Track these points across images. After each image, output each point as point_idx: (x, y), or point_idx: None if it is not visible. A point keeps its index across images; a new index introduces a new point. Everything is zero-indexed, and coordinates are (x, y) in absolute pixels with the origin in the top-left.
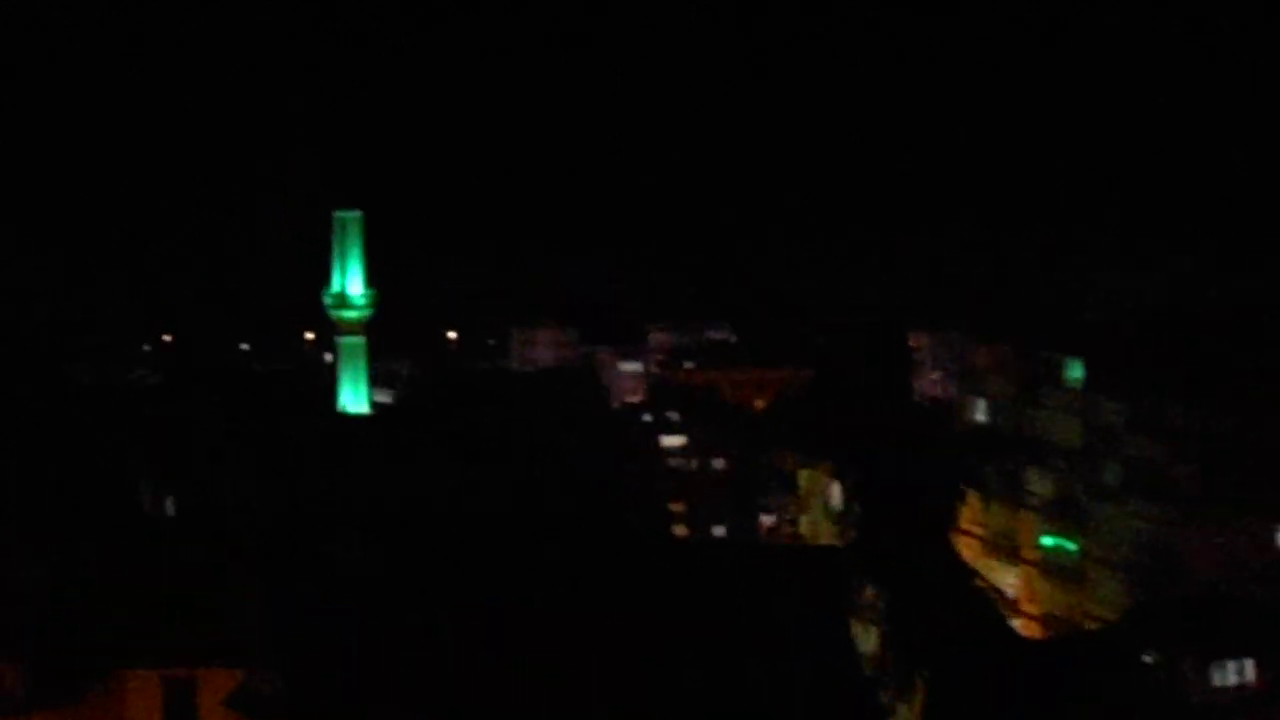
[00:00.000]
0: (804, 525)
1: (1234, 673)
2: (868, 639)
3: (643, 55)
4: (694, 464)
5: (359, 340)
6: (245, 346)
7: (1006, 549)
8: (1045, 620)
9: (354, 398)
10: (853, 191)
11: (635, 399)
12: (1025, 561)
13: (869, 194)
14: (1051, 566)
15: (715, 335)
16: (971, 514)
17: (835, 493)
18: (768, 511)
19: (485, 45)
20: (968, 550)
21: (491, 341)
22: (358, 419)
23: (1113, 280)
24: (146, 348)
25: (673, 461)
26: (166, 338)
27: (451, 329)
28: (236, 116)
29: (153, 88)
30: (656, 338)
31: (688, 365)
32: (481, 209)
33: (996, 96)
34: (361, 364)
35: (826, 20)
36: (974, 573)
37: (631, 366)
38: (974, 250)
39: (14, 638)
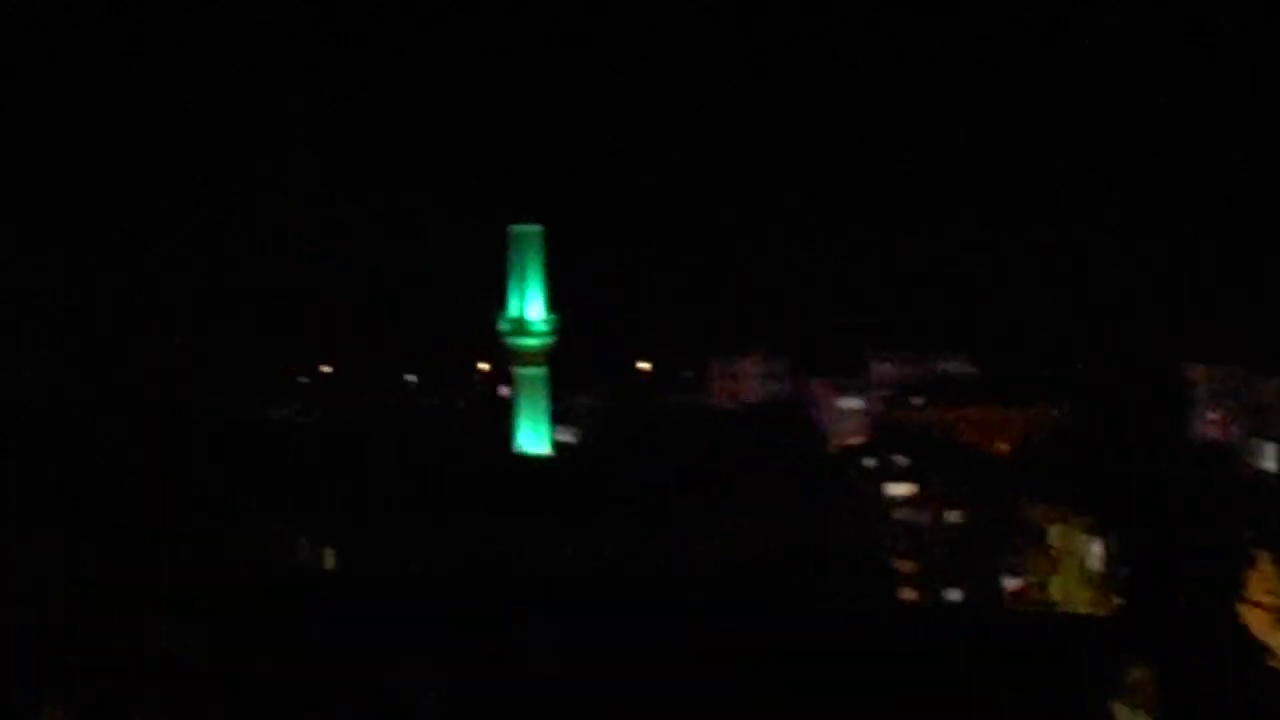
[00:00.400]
0: (1055, 589)
1: None
2: None
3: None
4: (925, 517)
5: (539, 371)
6: (411, 379)
7: None
8: None
9: (534, 437)
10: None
11: (856, 440)
12: None
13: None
14: None
15: (949, 367)
16: (1261, 580)
17: (1095, 552)
18: (1013, 573)
19: (683, 37)
20: (1257, 623)
21: (688, 373)
22: (538, 461)
23: None
24: (303, 379)
25: (899, 514)
26: (325, 368)
27: (642, 359)
28: (395, 118)
29: (307, 102)
30: (880, 369)
31: (917, 401)
32: (674, 221)
33: None
34: (542, 399)
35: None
36: (1264, 650)
37: (851, 403)
38: (1256, 276)
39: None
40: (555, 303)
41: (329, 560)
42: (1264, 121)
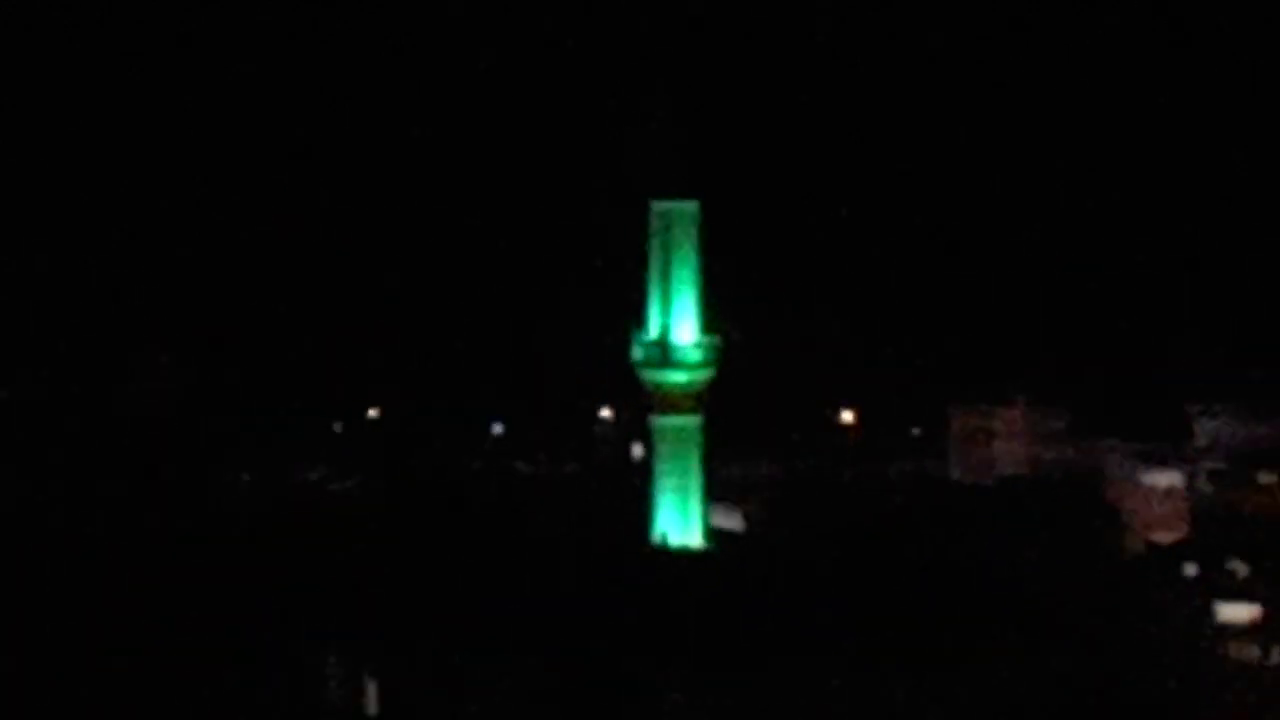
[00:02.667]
0: None
1: None
2: None
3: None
4: (1274, 655)
5: (691, 422)
6: (499, 430)
7: None
8: None
9: (679, 522)
10: None
11: (1170, 535)
12: None
13: None
14: None
15: None
16: None
17: None
18: None
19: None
20: None
21: (916, 430)
22: (686, 560)
23: None
24: (338, 427)
25: (1236, 649)
26: (370, 412)
27: (848, 407)
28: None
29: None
30: (1209, 429)
31: (1265, 479)
32: (895, 207)
33: None
34: (694, 462)
35: None
36: None
37: (1166, 479)
38: None
39: None
40: (717, 320)
41: (371, 702)
42: None
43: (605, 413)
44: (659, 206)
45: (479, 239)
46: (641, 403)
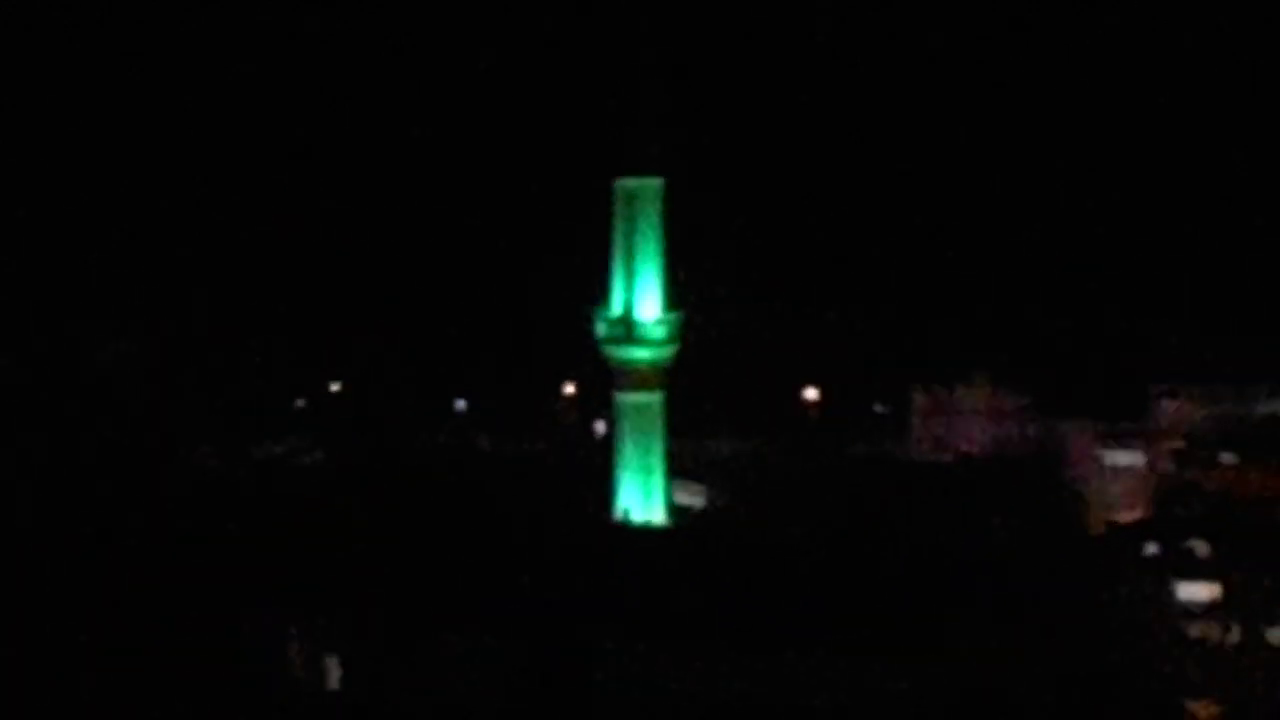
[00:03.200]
0: None
1: None
2: None
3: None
4: (1233, 633)
5: (653, 399)
6: (462, 406)
7: None
8: None
9: (643, 498)
10: None
11: (1131, 514)
12: None
13: None
14: None
15: (1274, 409)
16: None
17: None
18: None
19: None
20: None
21: (879, 408)
22: (649, 537)
23: None
24: (301, 403)
25: (1195, 628)
26: (333, 386)
27: (810, 384)
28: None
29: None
30: (1169, 409)
31: (1226, 459)
32: (859, 179)
33: None
34: (657, 440)
35: None
36: None
37: (1126, 458)
38: None
39: None
40: (680, 297)
41: (332, 676)
42: None
43: (568, 389)
44: (623, 183)
45: (443, 214)
46: (605, 379)
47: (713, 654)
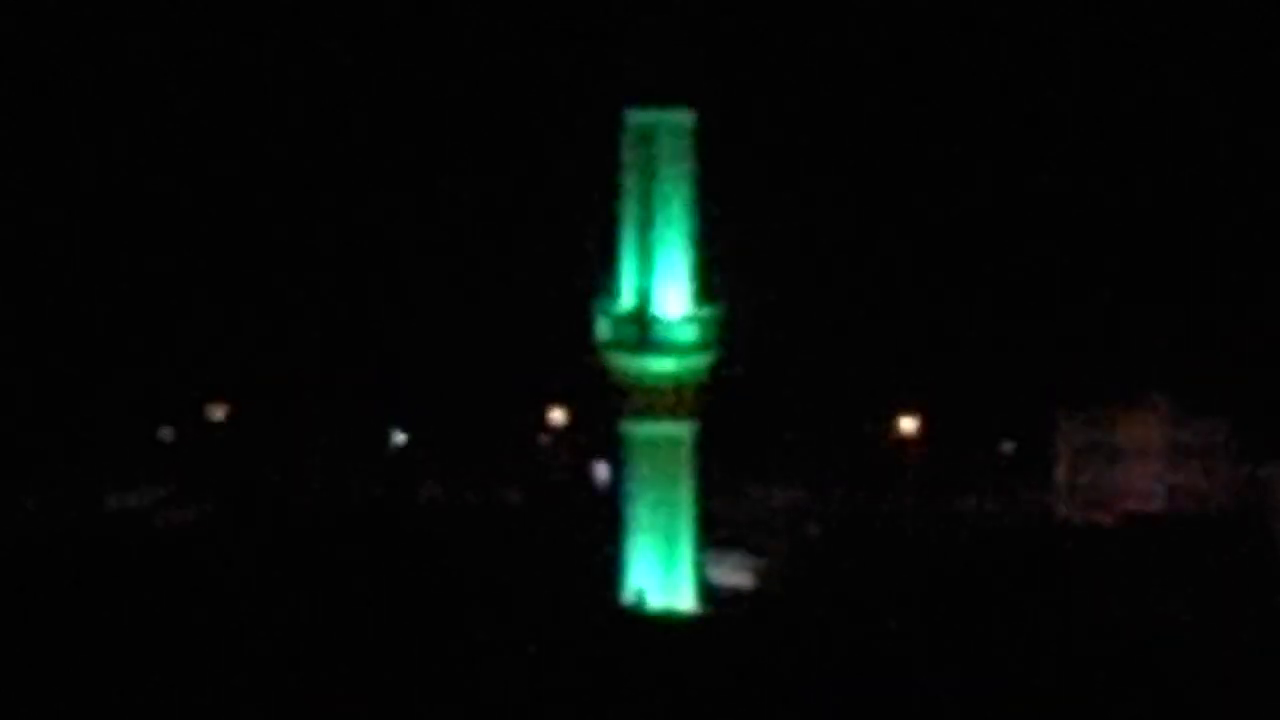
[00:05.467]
0: None
1: None
2: None
3: None
4: None
5: (680, 430)
6: (400, 440)
7: None
8: None
9: (664, 575)
10: None
11: None
12: None
13: None
14: None
15: None
16: None
17: None
18: None
19: None
20: None
21: (1006, 446)
22: (672, 632)
23: None
24: (165, 435)
25: None
26: (214, 413)
27: (906, 411)
28: None
29: None
30: None
31: None
32: (960, 130)
33: None
34: (685, 490)
35: None
36: None
37: None
38: None
39: None
40: (718, 284)
41: None
42: None
43: (556, 416)
44: (637, 118)
45: (373, 159)
46: (609, 403)
47: None
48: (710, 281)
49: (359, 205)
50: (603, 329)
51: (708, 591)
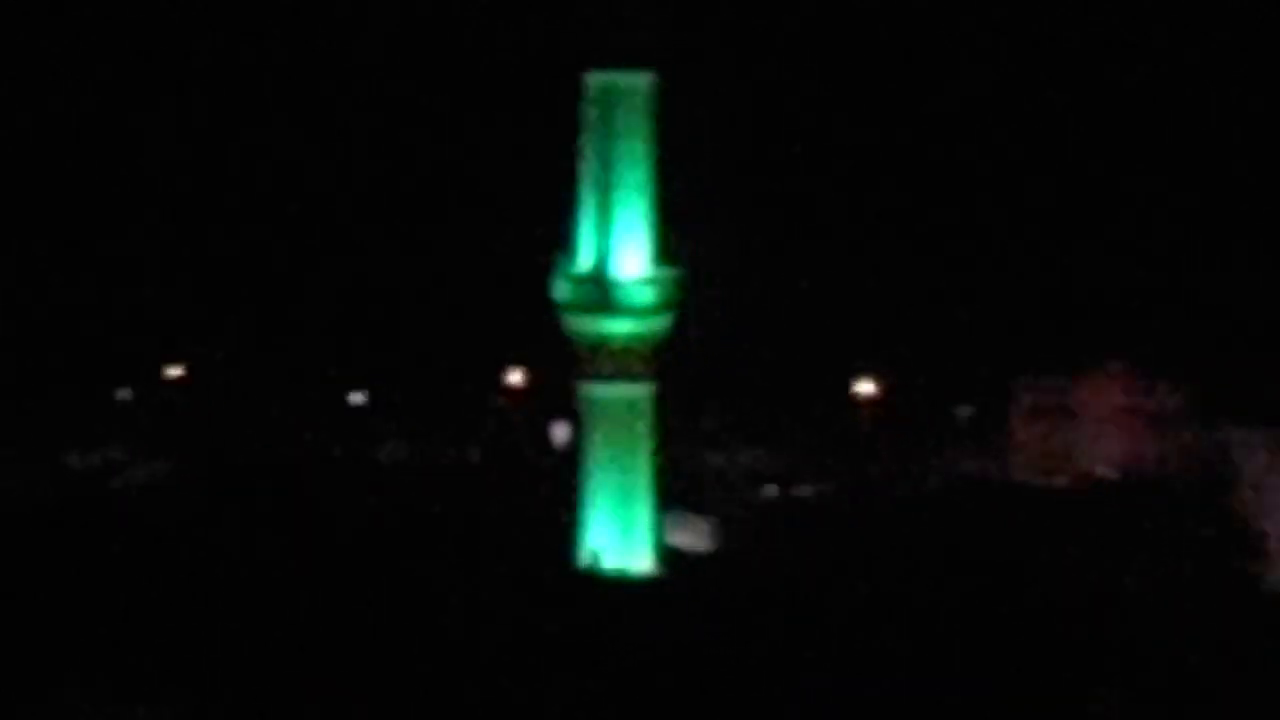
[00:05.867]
0: None
1: None
2: None
3: None
4: None
5: (638, 391)
6: (359, 399)
7: None
8: None
9: (621, 536)
10: None
11: None
12: None
13: None
14: None
15: None
16: None
17: None
18: None
19: None
20: None
21: (964, 410)
22: (628, 593)
23: None
24: (125, 395)
25: None
26: (172, 371)
27: (863, 374)
28: None
29: None
30: None
31: None
32: (918, 89)
33: None
34: (642, 452)
35: None
36: None
37: None
38: None
39: None
40: (677, 246)
41: None
42: None
43: (513, 377)
44: (597, 80)
45: (333, 117)
46: (567, 363)
47: None
48: (669, 243)
49: (318, 162)
50: (561, 290)
51: (664, 553)
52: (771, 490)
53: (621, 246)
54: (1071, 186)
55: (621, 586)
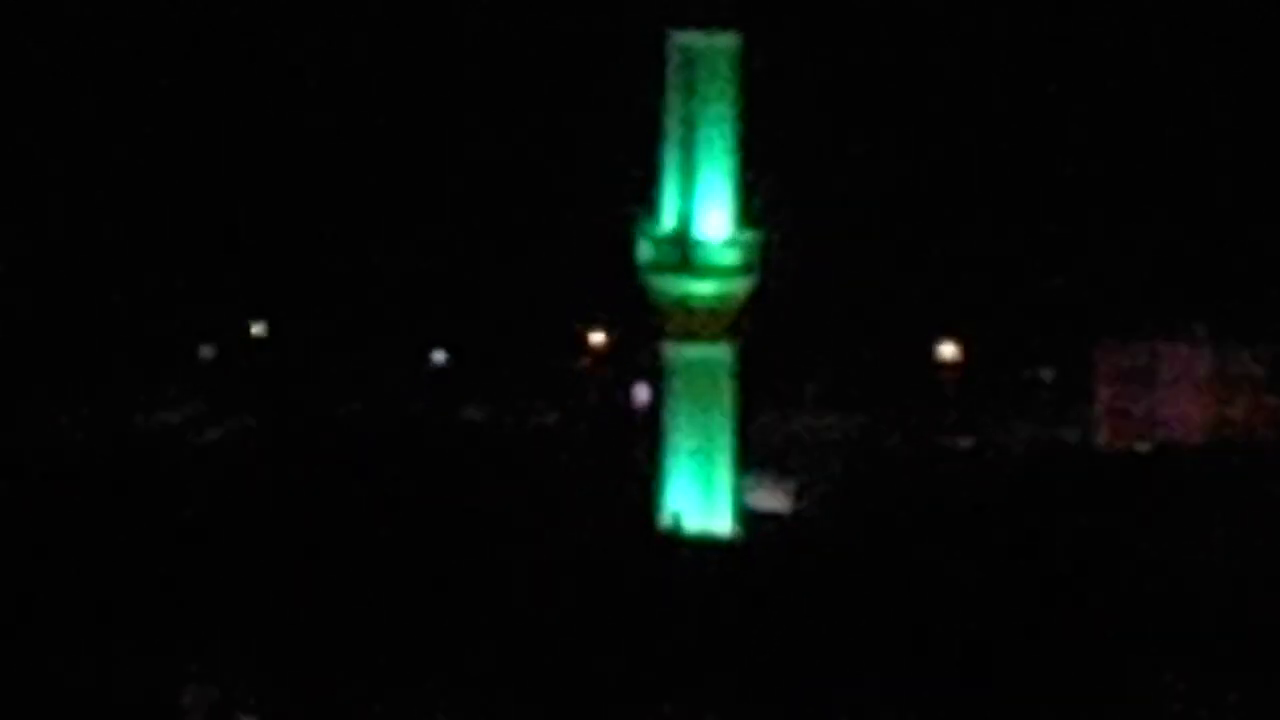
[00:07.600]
0: None
1: None
2: None
3: None
4: None
5: (719, 353)
6: (440, 358)
7: None
8: None
9: (702, 498)
10: None
11: None
12: None
13: None
14: None
15: None
16: None
17: None
18: None
19: None
20: None
21: (1046, 374)
22: (709, 554)
23: None
24: (207, 352)
25: None
26: (254, 328)
27: (945, 337)
28: None
29: None
30: None
31: None
32: (1002, 61)
33: None
34: (724, 413)
35: None
36: None
37: None
38: None
39: None
40: (760, 208)
41: None
42: None
43: (596, 338)
44: (680, 40)
45: (416, 80)
46: (649, 325)
47: None
48: (752, 205)
49: (402, 125)
50: (644, 251)
51: (745, 515)
52: (852, 453)
53: (704, 207)
54: (1159, 152)
55: (703, 548)
